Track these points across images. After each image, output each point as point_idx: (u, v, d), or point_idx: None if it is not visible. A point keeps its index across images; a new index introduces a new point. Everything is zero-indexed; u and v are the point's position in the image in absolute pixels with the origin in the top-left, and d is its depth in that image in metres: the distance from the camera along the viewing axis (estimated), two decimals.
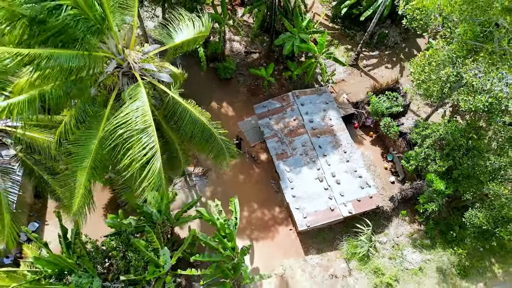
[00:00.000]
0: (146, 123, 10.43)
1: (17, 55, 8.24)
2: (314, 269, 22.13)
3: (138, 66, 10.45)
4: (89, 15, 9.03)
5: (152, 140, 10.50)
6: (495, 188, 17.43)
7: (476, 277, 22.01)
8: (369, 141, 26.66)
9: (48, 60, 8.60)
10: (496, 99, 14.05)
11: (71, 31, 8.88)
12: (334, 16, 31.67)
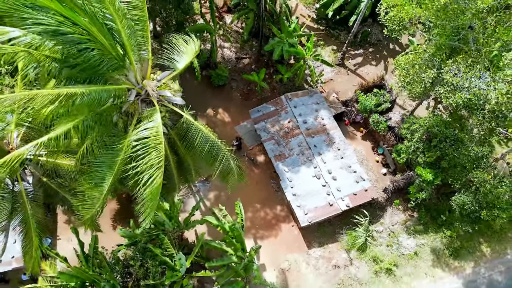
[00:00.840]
0: (158, 141, 11.49)
1: (58, 95, 9.21)
2: (318, 262, 23.59)
3: (155, 93, 11.54)
4: (112, 55, 10.08)
5: (160, 154, 11.41)
6: (479, 175, 19.07)
7: (466, 256, 23.78)
8: (360, 136, 28.13)
9: (82, 97, 9.61)
10: (475, 96, 15.58)
11: (97, 69, 9.91)
12: (318, 17, 32.92)
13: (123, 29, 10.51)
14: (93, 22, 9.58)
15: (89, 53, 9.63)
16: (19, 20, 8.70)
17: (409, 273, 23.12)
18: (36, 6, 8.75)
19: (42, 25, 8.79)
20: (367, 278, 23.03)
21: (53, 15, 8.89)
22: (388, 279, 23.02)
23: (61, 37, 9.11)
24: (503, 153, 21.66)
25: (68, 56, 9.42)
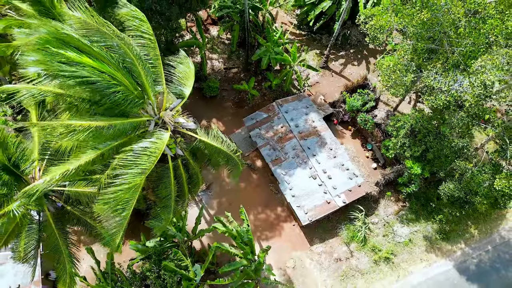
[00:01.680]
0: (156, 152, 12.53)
1: (88, 127, 10.23)
2: (321, 257, 25.06)
3: (172, 122, 12.68)
4: (134, 93, 11.15)
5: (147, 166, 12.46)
6: (461, 165, 20.79)
7: (456, 238, 25.63)
8: (349, 134, 29.69)
9: (108, 129, 10.64)
10: (453, 97, 17.20)
11: (121, 106, 11.00)
12: (300, 23, 34.30)
13: (142, 71, 11.64)
14: (117, 69, 10.67)
15: (115, 95, 10.72)
16: (56, 73, 9.70)
17: (406, 259, 24.81)
18: (69, 61, 9.78)
19: (75, 77, 9.84)
20: (367, 267, 24.62)
21: (84, 67, 9.95)
22: (387, 267, 24.67)
23: (91, 85, 10.19)
24: (482, 142, 23.52)
25: (97, 99, 10.50)
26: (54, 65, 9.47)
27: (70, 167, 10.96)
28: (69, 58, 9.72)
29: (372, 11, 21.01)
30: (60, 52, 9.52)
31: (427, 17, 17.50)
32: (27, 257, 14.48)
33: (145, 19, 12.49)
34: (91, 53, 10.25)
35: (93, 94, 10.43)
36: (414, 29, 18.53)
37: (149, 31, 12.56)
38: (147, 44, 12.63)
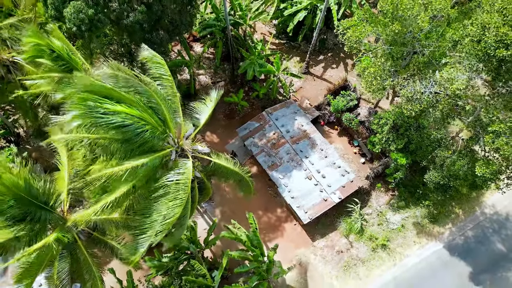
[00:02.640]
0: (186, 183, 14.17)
1: (126, 169, 11.60)
2: (323, 251, 26.89)
3: (190, 149, 14.19)
4: (159, 129, 12.60)
5: (184, 196, 14.11)
6: (441, 153, 23.02)
7: (444, 219, 27.94)
8: (336, 134, 31.68)
9: (141, 167, 12.03)
10: (426, 103, 19.44)
11: (148, 142, 12.45)
12: (278, 32, 36.10)
13: (165, 109, 13.13)
14: (144, 110, 12.10)
15: (144, 133, 12.14)
16: (94, 122, 11.10)
17: (401, 244, 26.94)
18: (106, 112, 11.17)
19: (111, 123, 11.24)
20: (367, 256, 26.60)
21: (118, 114, 11.36)
22: (384, 253, 26.72)
23: (124, 128, 11.60)
24: (457, 131, 25.90)
25: (128, 138, 11.90)
26: (93, 116, 10.86)
27: (109, 199, 12.31)
28: (106, 108, 11.13)
29: (348, 23, 23.01)
30: (98, 105, 10.91)
31: (398, 28, 19.56)
32: (62, 283, 15.59)
33: (163, 62, 13.99)
34: (123, 100, 11.65)
35: (126, 135, 11.83)
36: (388, 37, 20.62)
37: (167, 73, 14.05)
38: (166, 83, 14.10)
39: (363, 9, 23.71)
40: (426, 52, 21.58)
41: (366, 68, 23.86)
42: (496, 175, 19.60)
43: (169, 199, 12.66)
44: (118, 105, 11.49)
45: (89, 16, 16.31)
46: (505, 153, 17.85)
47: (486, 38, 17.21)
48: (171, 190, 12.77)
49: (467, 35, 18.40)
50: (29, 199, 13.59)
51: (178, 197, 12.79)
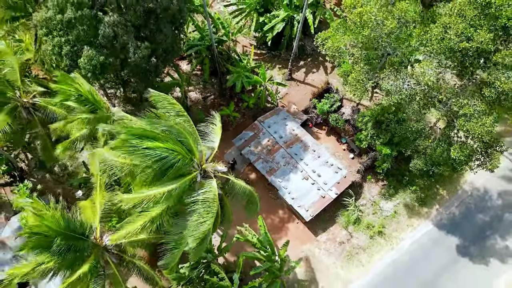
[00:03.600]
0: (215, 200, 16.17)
1: (164, 192, 13.36)
2: (326, 244, 29.06)
3: (212, 170, 16.08)
4: (187, 158, 14.41)
5: (214, 210, 16.03)
6: (422, 143, 25.53)
7: (431, 201, 30.58)
8: (324, 134, 33.94)
9: (175, 190, 13.75)
10: (405, 96, 21.85)
11: (181, 169, 14.22)
12: (259, 43, 38.07)
13: (191, 140, 14.95)
14: (175, 143, 13.87)
15: (177, 162, 13.91)
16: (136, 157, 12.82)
17: (395, 229, 29.41)
18: (145, 148, 12.90)
19: (151, 157, 13.01)
20: (366, 243, 28.93)
21: (156, 149, 13.14)
22: (382, 239, 29.11)
23: (162, 159, 13.36)
24: (434, 121, 28.55)
25: (164, 167, 13.66)
26: (135, 154, 12.60)
27: (146, 219, 14.00)
28: (147, 146, 12.89)
29: (325, 35, 25.23)
30: (139, 143, 12.67)
31: (368, 32, 21.87)
32: None
33: (175, 102, 16.03)
34: (159, 137, 13.40)
35: (162, 164, 13.58)
36: (362, 43, 22.94)
37: (182, 110, 15.97)
38: (184, 119, 15.93)
39: (335, 21, 25.97)
40: (398, 52, 24.04)
41: (346, 72, 26.22)
42: (469, 157, 22.20)
43: (201, 214, 14.46)
44: (156, 142, 13.26)
45: (101, 62, 17.85)
46: (476, 133, 20.42)
47: (448, 35, 19.72)
48: (201, 207, 14.57)
49: (432, 36, 20.94)
50: (69, 233, 15.07)
51: (210, 211, 14.61)
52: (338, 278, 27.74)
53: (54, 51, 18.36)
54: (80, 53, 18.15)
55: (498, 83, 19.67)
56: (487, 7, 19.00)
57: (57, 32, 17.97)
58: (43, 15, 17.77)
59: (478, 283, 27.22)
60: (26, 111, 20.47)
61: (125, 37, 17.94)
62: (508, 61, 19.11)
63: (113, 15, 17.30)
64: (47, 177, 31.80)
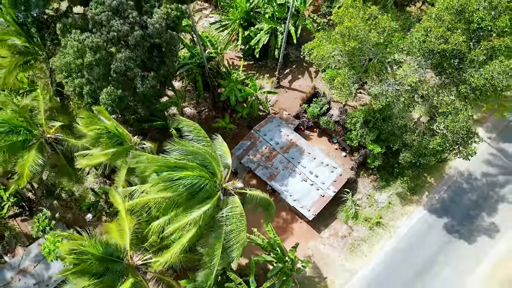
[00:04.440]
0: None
1: (199, 215, 15.02)
2: (330, 239, 31.04)
3: (232, 188, 17.81)
4: (213, 181, 16.16)
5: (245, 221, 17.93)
6: (408, 137, 27.78)
7: (421, 189, 32.96)
8: (316, 135, 35.98)
9: (206, 212, 15.42)
10: (391, 97, 23.99)
11: (208, 192, 15.94)
12: (245, 55, 39.80)
13: (214, 164, 16.61)
14: (201, 169, 15.54)
15: (205, 187, 15.58)
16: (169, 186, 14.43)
17: (392, 218, 31.64)
18: (175, 180, 14.57)
19: (181, 185, 14.66)
20: (366, 235, 31.05)
21: (186, 178, 14.80)
22: (380, 229, 31.29)
23: (191, 186, 15.06)
24: (418, 117, 30.92)
25: (193, 192, 15.41)
26: (172, 187, 14.29)
27: (184, 241, 15.63)
28: (179, 177, 14.55)
29: (311, 45, 27.22)
30: (170, 174, 14.31)
31: (355, 44, 23.97)
32: None
33: (199, 128, 17.60)
34: (187, 167, 15.08)
35: (193, 190, 15.28)
36: (347, 52, 25.03)
37: (205, 136, 17.63)
38: (206, 144, 17.56)
39: (320, 32, 27.99)
40: (379, 57, 26.25)
41: (332, 77, 28.28)
42: (448, 148, 24.61)
43: (238, 226, 16.18)
44: (186, 171, 14.92)
45: (118, 95, 19.24)
46: (454, 128, 22.79)
47: (429, 38, 22.01)
48: (234, 221, 16.25)
49: (414, 39, 23.22)
50: (108, 257, 16.49)
51: (242, 223, 16.34)
52: (344, 270, 29.75)
53: (75, 91, 19.67)
54: (99, 90, 19.53)
55: (472, 79, 22.03)
56: (462, 13, 21.35)
57: (75, 74, 19.31)
58: (62, 60, 19.11)
59: (468, 259, 29.62)
60: (50, 146, 21.63)
61: (135, 70, 19.37)
62: (481, 59, 21.50)
63: (124, 51, 18.72)
64: (55, 204, 32.70)
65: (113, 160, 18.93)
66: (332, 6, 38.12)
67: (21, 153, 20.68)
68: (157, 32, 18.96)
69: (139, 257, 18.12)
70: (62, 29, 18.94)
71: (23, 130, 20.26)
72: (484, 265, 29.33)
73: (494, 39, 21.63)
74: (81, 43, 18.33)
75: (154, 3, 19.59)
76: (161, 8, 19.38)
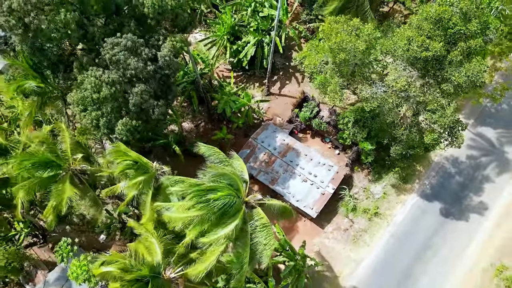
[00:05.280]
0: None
1: (232, 229, 16.94)
2: (333, 234, 33.13)
3: (253, 201, 19.77)
4: (239, 197, 18.02)
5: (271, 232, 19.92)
6: (397, 131, 30.11)
7: (412, 177, 35.41)
8: (309, 137, 38.05)
9: (237, 226, 17.26)
10: (381, 100, 26.31)
11: (236, 208, 17.78)
12: (233, 67, 41.55)
13: (239, 182, 18.40)
14: (229, 188, 17.38)
15: (235, 204, 17.51)
16: None
17: (388, 208, 33.98)
18: (210, 201, 16.37)
19: (218, 205, 16.52)
20: (366, 225, 33.28)
21: (219, 199, 16.67)
22: (378, 219, 33.57)
23: (224, 206, 16.95)
24: (404, 112, 33.30)
25: (225, 210, 17.34)
26: (206, 208, 16.12)
27: (219, 250, 17.48)
28: (212, 198, 16.37)
29: (301, 55, 29.25)
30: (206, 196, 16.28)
31: (344, 56, 26.13)
32: None
33: (218, 150, 19.55)
34: (219, 188, 16.88)
35: (224, 209, 17.16)
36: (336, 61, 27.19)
37: (224, 157, 19.54)
38: (226, 163, 19.44)
39: (309, 43, 30.10)
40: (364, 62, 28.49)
41: (322, 83, 30.38)
42: (437, 140, 27.03)
43: (268, 235, 18.08)
44: (218, 193, 16.87)
45: (134, 126, 20.76)
46: (441, 123, 25.19)
47: (412, 47, 24.33)
48: (263, 230, 18.10)
49: (398, 48, 25.54)
50: (154, 275, 18.11)
51: (270, 231, 18.20)
52: (350, 260, 31.89)
53: (92, 123, 21.01)
54: (114, 121, 20.97)
55: (453, 78, 24.50)
56: (439, 21, 23.78)
57: (91, 107, 20.67)
58: (78, 95, 20.44)
59: (461, 238, 32.17)
60: (77, 177, 22.88)
61: (150, 101, 20.93)
62: (458, 59, 23.98)
63: (140, 85, 20.24)
64: (67, 229, 33.75)
65: (142, 189, 20.51)
66: (312, 13, 40.34)
67: (55, 186, 21.84)
68: (167, 64, 20.56)
69: (170, 270, 19.66)
70: (78, 67, 20.32)
71: (55, 165, 21.42)
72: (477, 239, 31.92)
73: (469, 40, 24.14)
74: (98, 79, 19.76)
75: (159, 37, 21.20)
76: (167, 41, 21.00)
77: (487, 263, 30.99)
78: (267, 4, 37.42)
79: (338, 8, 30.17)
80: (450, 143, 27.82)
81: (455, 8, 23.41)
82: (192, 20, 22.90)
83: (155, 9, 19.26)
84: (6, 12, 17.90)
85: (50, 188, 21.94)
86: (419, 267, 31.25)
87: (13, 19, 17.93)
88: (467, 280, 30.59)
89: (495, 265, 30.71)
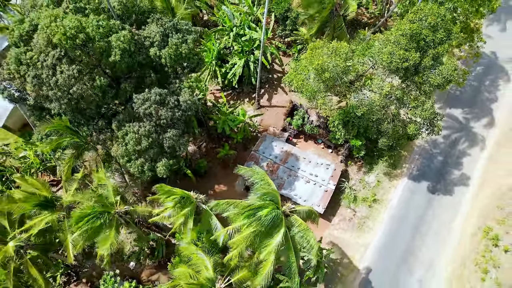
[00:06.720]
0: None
1: (281, 239, 20.19)
2: (340, 224, 36.95)
3: (288, 210, 23.12)
4: (279, 210, 21.20)
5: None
6: (382, 126, 34.26)
7: (399, 163, 39.67)
8: (303, 141, 41.75)
9: (284, 233, 20.49)
10: (367, 106, 30.31)
11: (278, 220, 21.05)
12: (224, 86, 44.67)
13: (276, 194, 21.73)
14: (272, 203, 20.63)
15: (279, 216, 20.80)
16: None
17: (383, 193, 38.15)
18: (260, 217, 19.56)
19: (268, 220, 19.68)
20: (368, 212, 37.31)
21: (267, 214, 19.91)
22: (377, 205, 37.67)
23: (273, 220, 20.22)
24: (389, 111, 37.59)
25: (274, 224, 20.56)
26: (258, 224, 19.36)
27: (271, 259, 20.72)
28: (262, 215, 19.69)
29: (290, 77, 32.93)
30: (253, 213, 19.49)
31: (328, 75, 29.95)
32: None
33: (257, 171, 22.78)
34: (266, 205, 20.13)
35: (272, 223, 20.37)
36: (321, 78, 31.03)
37: (261, 177, 22.81)
38: (266, 182, 22.72)
39: (292, 63, 33.78)
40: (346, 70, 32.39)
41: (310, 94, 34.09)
42: (419, 130, 31.37)
43: (310, 237, 21.48)
44: (264, 210, 20.00)
45: (170, 164, 23.66)
46: (423, 117, 29.56)
47: (394, 59, 28.45)
48: (305, 234, 21.49)
49: (381, 60, 29.61)
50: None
51: (310, 236, 21.71)
52: (359, 246, 35.80)
53: (138, 170, 23.68)
54: (154, 164, 23.81)
55: (431, 80, 28.87)
56: (413, 36, 28.04)
57: (134, 156, 23.38)
58: (121, 149, 23.17)
59: (448, 210, 36.70)
60: (122, 219, 25.31)
61: (180, 140, 23.84)
62: (430, 64, 28.33)
63: (171, 130, 23.19)
64: (97, 262, 35.88)
65: (188, 218, 23.37)
66: (286, 29, 44.09)
67: (105, 231, 24.13)
68: (189, 107, 23.51)
69: (220, 282, 22.72)
70: (117, 125, 23.02)
71: (105, 214, 23.72)
72: (462, 207, 36.58)
73: (437, 47, 28.54)
74: (136, 133, 22.62)
75: (176, 81, 24.10)
76: (184, 84, 23.88)
77: (475, 227, 35.63)
78: (246, 27, 40.79)
79: (318, 27, 34.08)
80: (430, 132, 32.20)
81: (425, 22, 27.83)
82: (200, 59, 25.84)
83: (171, 59, 22.15)
84: (54, 86, 20.31)
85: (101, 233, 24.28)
86: (418, 241, 35.49)
87: (59, 91, 20.35)
88: (461, 246, 35.12)
89: (481, 228, 35.38)
